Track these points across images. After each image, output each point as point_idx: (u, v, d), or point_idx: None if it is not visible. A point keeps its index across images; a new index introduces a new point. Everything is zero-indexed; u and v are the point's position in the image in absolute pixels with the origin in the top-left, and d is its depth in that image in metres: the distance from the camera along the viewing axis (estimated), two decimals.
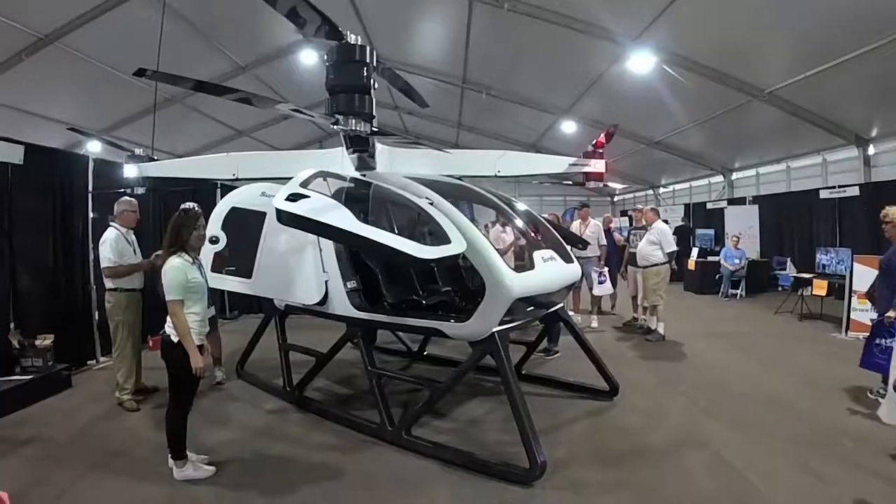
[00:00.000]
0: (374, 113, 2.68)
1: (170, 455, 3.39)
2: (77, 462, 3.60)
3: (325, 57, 2.56)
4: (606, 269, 8.02)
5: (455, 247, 3.11)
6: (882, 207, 4.66)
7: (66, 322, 5.62)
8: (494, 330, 3.55)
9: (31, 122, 11.48)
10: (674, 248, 7.26)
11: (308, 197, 3.10)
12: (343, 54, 2.53)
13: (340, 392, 5.11)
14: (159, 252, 4.88)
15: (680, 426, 4.23)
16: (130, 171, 5.12)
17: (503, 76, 12.36)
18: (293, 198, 3.05)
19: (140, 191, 5.20)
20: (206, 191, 7.94)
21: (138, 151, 5.29)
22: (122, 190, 5.22)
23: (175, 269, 3.18)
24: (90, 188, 6.10)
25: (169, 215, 5.53)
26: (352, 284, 4.18)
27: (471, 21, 9.93)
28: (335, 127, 2.69)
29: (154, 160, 5.40)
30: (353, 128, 2.69)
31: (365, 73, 2.54)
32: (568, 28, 9.05)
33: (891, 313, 4.22)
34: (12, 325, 5.12)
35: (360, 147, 3.55)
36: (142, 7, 8.38)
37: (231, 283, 4.49)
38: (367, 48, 2.57)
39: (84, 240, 5.98)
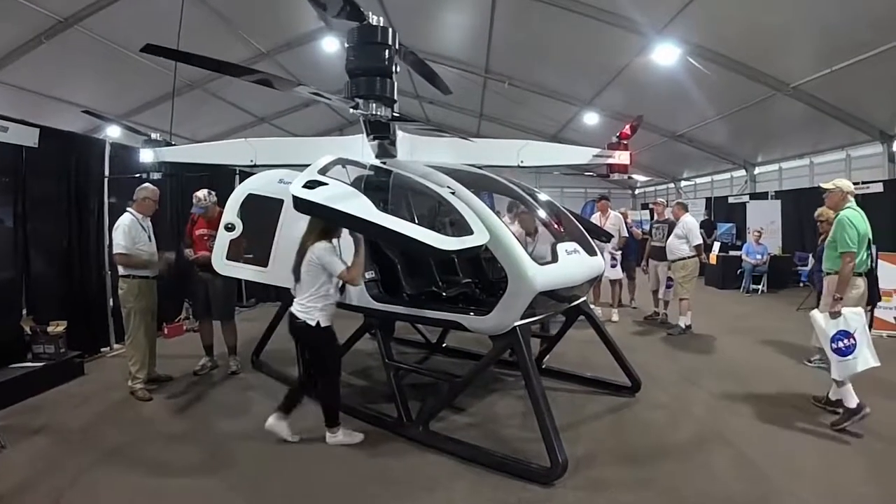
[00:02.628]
0: (395, 97, 2.55)
1: (325, 423, 3.69)
2: (88, 451, 3.57)
3: (346, 39, 2.43)
4: (619, 252, 7.95)
5: (477, 238, 2.99)
6: None
7: (80, 308, 5.60)
8: (516, 324, 3.43)
9: (52, 105, 11.48)
10: (699, 240, 7.14)
11: (326, 184, 3.00)
12: (364, 35, 2.41)
13: (357, 384, 5.02)
14: (168, 254, 4.95)
15: (704, 423, 4.11)
16: (147, 155, 5.04)
17: (526, 66, 12.18)
18: (311, 185, 2.95)
19: (156, 176, 5.12)
20: (225, 177, 7.89)
21: (155, 136, 5.20)
22: (138, 175, 5.16)
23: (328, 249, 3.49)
24: (107, 173, 6.08)
25: (187, 201, 5.55)
26: (370, 275, 4.08)
27: (494, 10, 9.76)
28: (354, 111, 2.57)
29: (171, 145, 5.33)
30: (374, 112, 2.56)
31: (387, 56, 2.41)
32: (592, 18, 8.85)
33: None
34: (24, 312, 5.09)
35: (381, 134, 3.42)
36: None
37: (247, 272, 4.41)
38: (390, 30, 2.44)
39: (100, 225, 5.95)
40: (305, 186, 2.95)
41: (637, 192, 22.77)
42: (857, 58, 7.79)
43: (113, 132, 11.37)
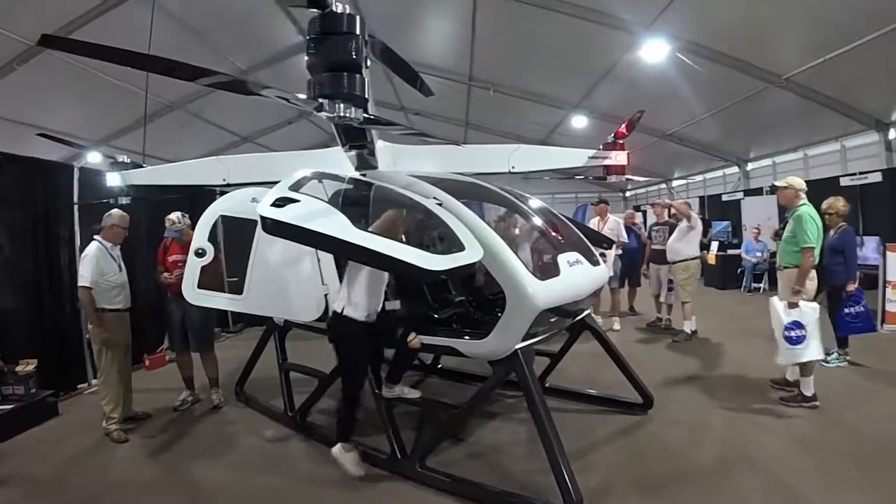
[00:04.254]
0: (367, 96, 2.24)
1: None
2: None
3: (307, 31, 2.13)
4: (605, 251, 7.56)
5: (469, 254, 2.68)
6: None
7: (53, 344, 5.26)
8: (517, 347, 3.11)
9: (29, 133, 11.14)
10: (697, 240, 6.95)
11: (297, 201, 2.69)
12: (328, 25, 2.09)
13: None
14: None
15: (726, 441, 3.79)
16: (114, 179, 4.73)
17: (510, 71, 11.95)
18: (280, 203, 2.64)
19: (124, 200, 4.80)
20: (205, 198, 7.56)
21: (121, 158, 4.89)
22: (107, 200, 4.84)
23: None
24: (76, 199, 5.75)
25: (162, 226, 5.25)
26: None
27: (475, 13, 9.51)
28: (319, 114, 2.25)
29: (141, 167, 5.02)
30: (342, 114, 2.24)
31: (355, 47, 2.10)
32: (577, 17, 8.62)
33: (850, 286, 5.15)
34: None
35: (358, 142, 3.13)
36: (138, 11, 8.03)
37: (220, 301, 4.06)
38: (358, 18, 2.13)
39: (71, 254, 5.60)
40: (274, 205, 2.64)
41: (629, 194, 22.57)
42: (849, 46, 7.62)
43: (94, 157, 11.03)
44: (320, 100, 2.21)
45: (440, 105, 14.59)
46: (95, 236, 4.53)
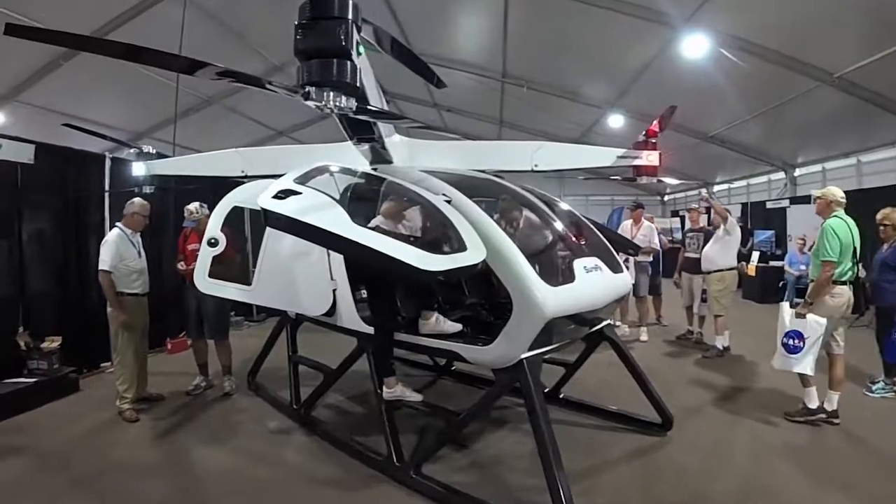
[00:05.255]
0: (358, 84, 2.11)
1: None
2: (58, 479, 3.40)
3: (297, 16, 2.03)
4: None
5: (471, 255, 2.53)
6: None
7: (79, 324, 5.48)
8: (523, 356, 2.95)
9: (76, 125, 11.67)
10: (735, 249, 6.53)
11: (299, 194, 2.61)
12: (318, 9, 1.99)
13: (353, 411, 4.63)
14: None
15: (748, 472, 3.49)
16: (139, 169, 4.84)
17: (544, 68, 11.62)
18: (282, 195, 2.57)
19: (148, 190, 4.91)
20: (227, 189, 7.68)
21: (147, 148, 5.00)
22: (132, 189, 4.99)
23: None
24: (107, 187, 5.93)
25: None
26: (362, 294, 3.67)
27: (508, 8, 9.28)
28: (307, 102, 2.15)
29: (166, 157, 5.11)
30: (331, 103, 2.13)
31: (344, 32, 1.99)
32: (612, 11, 8.24)
33: None
34: (21, 328, 5.01)
35: (364, 135, 3.03)
36: (175, 8, 8.23)
37: (229, 291, 4.06)
38: (350, 2, 2.01)
39: (101, 240, 5.77)
40: (276, 197, 2.57)
41: (666, 198, 21.78)
42: None
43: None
44: (307, 87, 2.11)
45: (473, 102, 14.42)
46: (117, 223, 4.68)
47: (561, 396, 4.50)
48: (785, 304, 4.35)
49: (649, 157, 3.76)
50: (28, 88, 10.07)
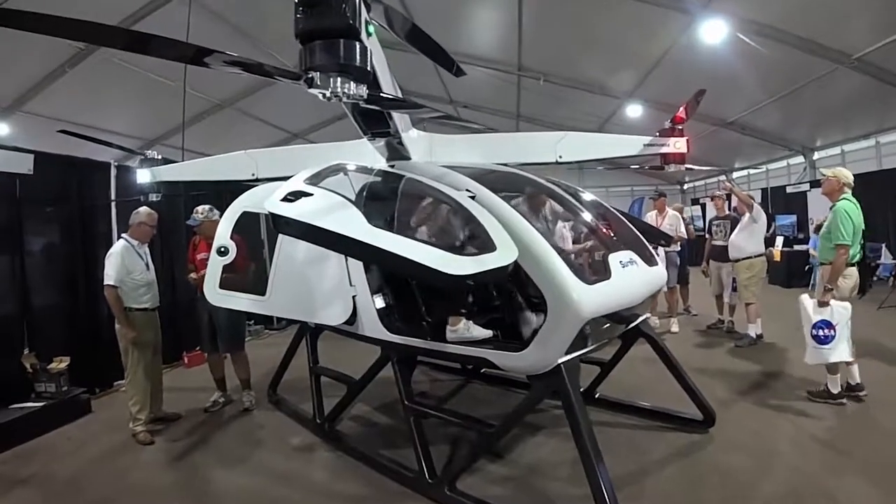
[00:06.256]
0: (368, 67, 1.86)
1: None
2: None
3: None
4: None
5: (502, 255, 2.29)
6: None
7: (88, 341, 5.26)
8: (560, 361, 2.72)
9: (85, 133, 11.57)
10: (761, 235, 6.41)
11: (311, 195, 2.40)
12: None
13: (379, 422, 4.40)
14: None
15: (797, 469, 3.25)
16: (143, 176, 4.65)
17: (560, 59, 11.39)
18: (292, 197, 2.36)
19: (154, 197, 4.71)
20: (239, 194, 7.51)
21: (151, 154, 4.82)
22: (138, 198, 4.77)
23: None
24: (113, 196, 5.76)
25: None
26: (383, 300, 3.45)
27: (522, 1, 9.07)
28: (311, 90, 1.90)
29: (172, 162, 4.92)
30: (339, 90, 1.90)
31: (349, 8, 1.75)
32: None
33: None
34: (26, 349, 4.78)
35: (380, 129, 2.80)
36: (180, 11, 8.08)
37: (242, 302, 3.83)
38: None
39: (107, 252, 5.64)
40: (285, 199, 2.36)
41: (686, 186, 21.34)
42: None
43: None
44: (311, 73, 1.87)
45: (490, 97, 14.19)
46: (123, 234, 4.48)
47: (597, 396, 4.27)
48: (804, 297, 4.31)
49: (676, 145, 3.60)
50: (32, 98, 9.92)
